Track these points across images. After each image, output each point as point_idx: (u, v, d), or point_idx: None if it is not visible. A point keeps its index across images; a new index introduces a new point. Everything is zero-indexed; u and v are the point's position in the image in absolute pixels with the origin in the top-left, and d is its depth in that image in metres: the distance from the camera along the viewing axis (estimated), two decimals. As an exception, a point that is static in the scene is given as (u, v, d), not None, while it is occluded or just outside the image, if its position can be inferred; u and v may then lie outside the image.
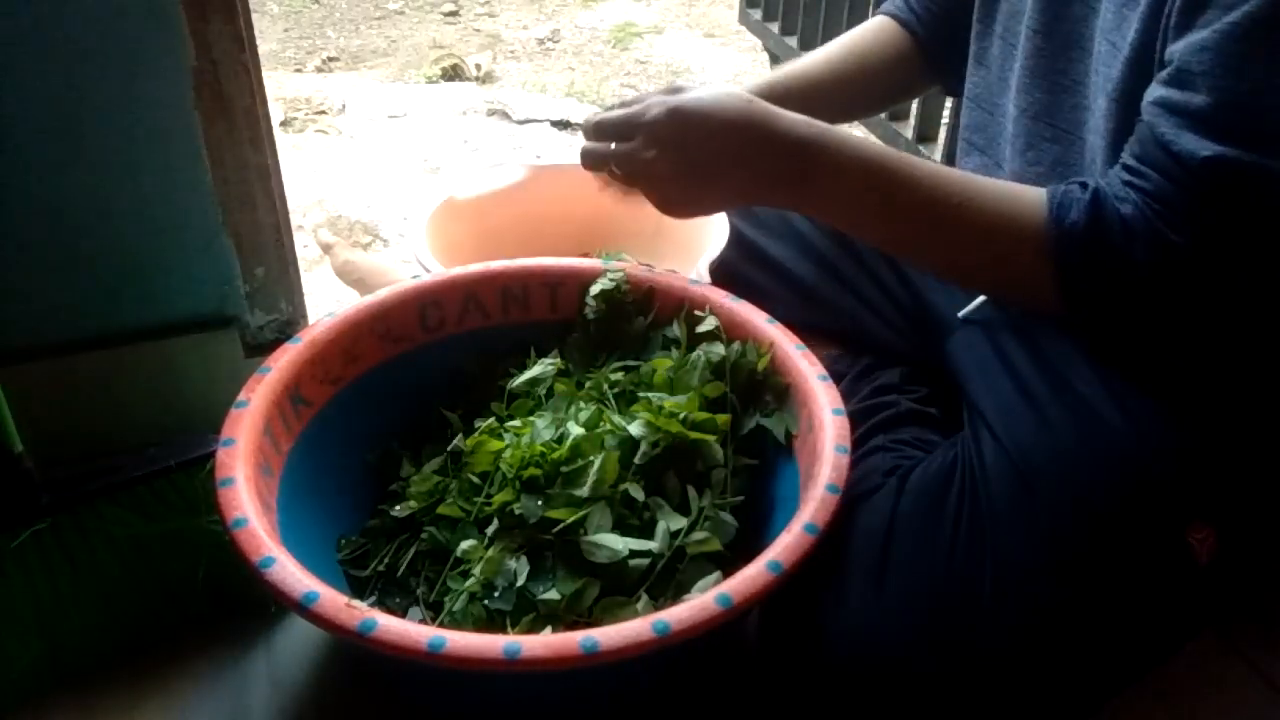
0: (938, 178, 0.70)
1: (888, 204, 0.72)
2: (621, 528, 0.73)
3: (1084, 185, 0.67)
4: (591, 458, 0.75)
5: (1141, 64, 0.68)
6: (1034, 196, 0.68)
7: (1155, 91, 0.65)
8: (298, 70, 2.81)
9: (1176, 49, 0.63)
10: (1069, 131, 0.77)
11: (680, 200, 0.80)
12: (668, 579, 0.72)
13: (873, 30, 1.01)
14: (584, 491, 0.73)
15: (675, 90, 0.77)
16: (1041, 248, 0.67)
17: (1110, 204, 0.65)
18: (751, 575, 0.64)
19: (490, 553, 0.73)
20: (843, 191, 0.73)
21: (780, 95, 0.97)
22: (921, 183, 0.70)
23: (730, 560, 0.72)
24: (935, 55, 0.99)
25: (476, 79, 2.74)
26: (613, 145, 0.80)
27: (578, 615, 0.71)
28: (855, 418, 0.82)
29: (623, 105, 0.82)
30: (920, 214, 0.71)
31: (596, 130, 0.82)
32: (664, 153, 0.75)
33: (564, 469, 0.75)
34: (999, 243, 0.69)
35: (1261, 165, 0.61)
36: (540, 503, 0.74)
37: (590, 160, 0.84)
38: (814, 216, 0.83)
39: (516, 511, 0.74)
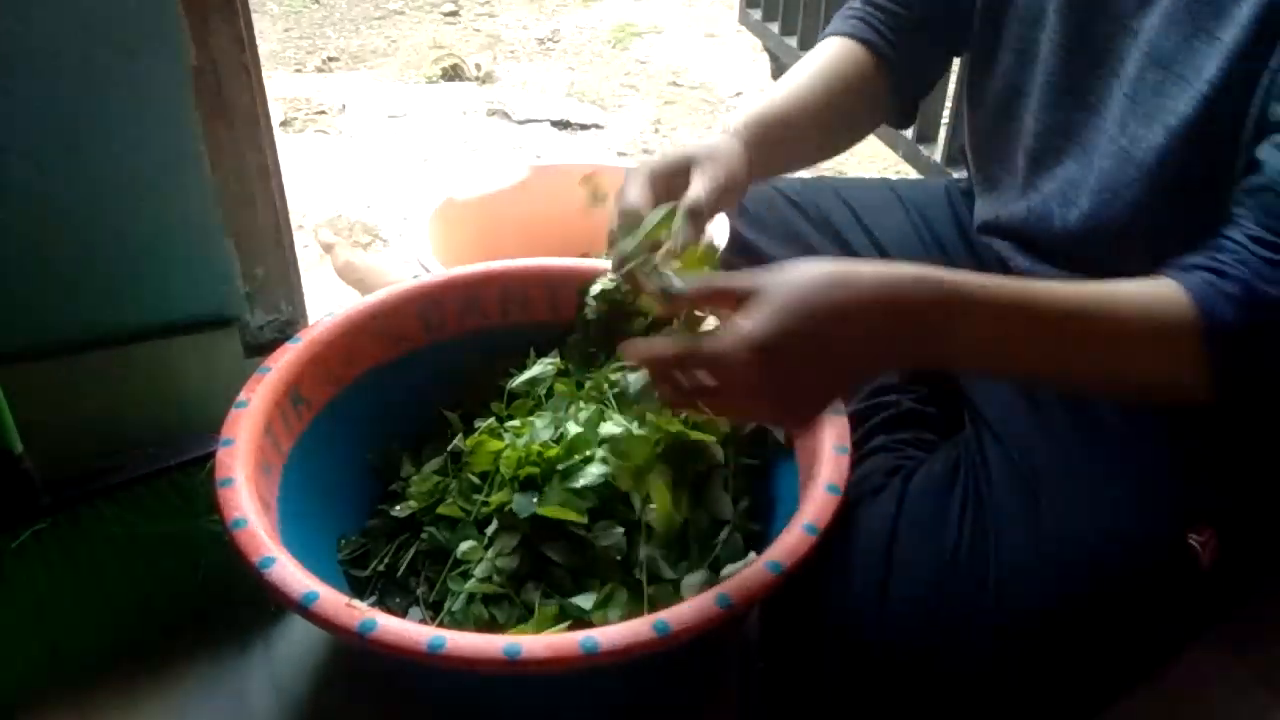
0: (1068, 298, 0.62)
1: (1026, 342, 0.63)
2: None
3: (1219, 273, 0.60)
4: (588, 452, 0.75)
5: (1224, 106, 0.63)
6: (1176, 297, 0.61)
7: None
8: (298, 70, 2.81)
9: None
10: (1085, 151, 0.75)
11: (798, 420, 0.70)
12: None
13: (839, 55, 0.91)
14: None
15: (773, 294, 0.59)
16: (1199, 352, 0.60)
17: (1263, 291, 0.59)
18: (751, 575, 0.64)
19: (495, 558, 0.73)
20: (977, 344, 0.62)
21: (777, 120, 0.87)
22: (1053, 308, 0.62)
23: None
24: (903, 82, 0.92)
25: (476, 79, 2.74)
26: (705, 379, 0.61)
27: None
28: (855, 418, 0.82)
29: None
30: (1071, 346, 0.63)
31: (681, 362, 0.62)
32: (770, 374, 0.59)
33: (560, 467, 0.75)
34: (1154, 356, 0.62)
35: None
36: (535, 500, 0.74)
37: (676, 401, 0.66)
38: (952, 367, 0.74)
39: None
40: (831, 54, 0.91)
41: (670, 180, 0.76)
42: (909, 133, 1.71)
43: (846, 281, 0.59)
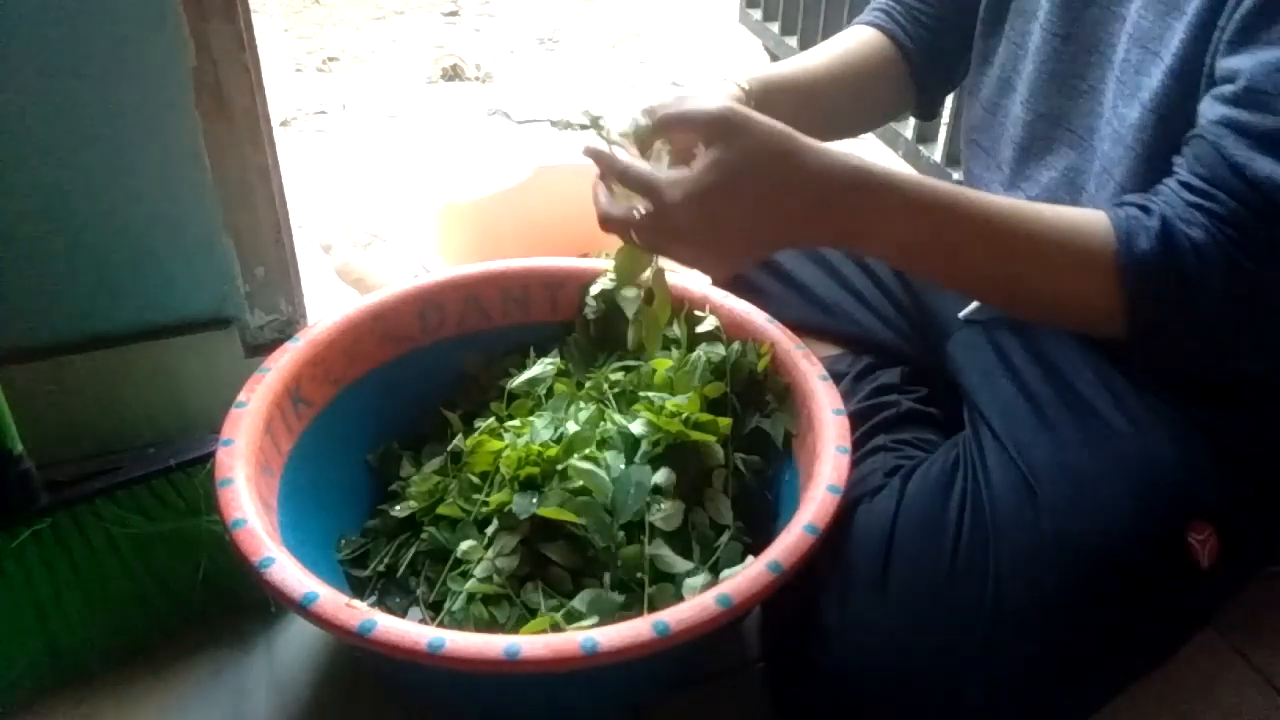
0: (992, 208, 0.66)
1: (942, 242, 0.67)
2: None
3: (1145, 209, 0.63)
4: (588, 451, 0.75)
5: (1187, 75, 0.65)
6: (1099, 224, 0.64)
7: (1218, 110, 0.61)
8: (298, 70, 2.81)
9: (1240, 66, 0.60)
10: (1083, 138, 0.75)
11: (714, 268, 0.76)
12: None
13: (861, 40, 0.94)
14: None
15: (720, 135, 0.65)
16: (1112, 278, 0.63)
17: (1180, 230, 0.61)
18: (751, 575, 0.64)
19: (492, 559, 0.73)
20: (893, 233, 0.67)
21: (786, 86, 0.89)
22: (976, 214, 0.66)
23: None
24: (921, 71, 0.94)
25: (476, 79, 2.74)
26: (637, 208, 0.69)
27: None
28: (855, 418, 0.82)
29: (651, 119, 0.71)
30: (979, 252, 0.66)
31: (619, 178, 0.71)
32: (697, 215, 0.66)
33: (560, 467, 0.75)
34: (1068, 275, 0.65)
35: None
36: (535, 500, 0.74)
37: (611, 225, 0.73)
38: (869, 253, 0.76)
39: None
40: (851, 38, 0.95)
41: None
42: (909, 133, 1.71)
43: (790, 158, 0.65)
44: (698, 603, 0.62)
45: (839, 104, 0.93)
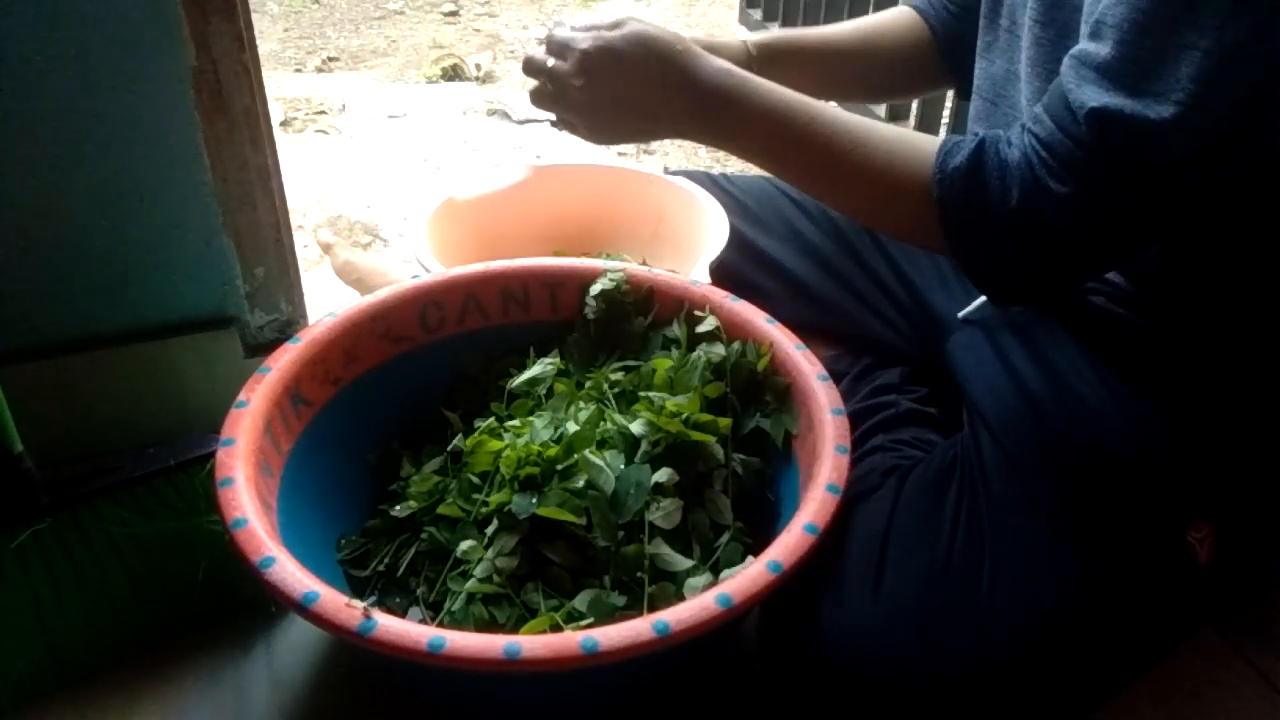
0: (837, 124, 0.74)
1: (790, 149, 0.76)
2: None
3: (975, 134, 0.69)
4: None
5: None
6: (928, 142, 0.71)
7: (1079, 45, 0.64)
8: (298, 70, 2.81)
9: (1099, 8, 0.62)
10: None
11: (592, 128, 0.84)
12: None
13: (894, 16, 1.03)
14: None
15: (618, 25, 0.80)
16: (927, 190, 0.68)
17: (995, 149, 0.66)
18: (751, 575, 0.64)
19: (491, 558, 0.73)
20: (749, 137, 0.77)
21: (792, 50, 0.99)
22: (820, 129, 0.74)
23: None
24: (949, 54, 0.99)
25: (476, 79, 2.74)
26: (550, 61, 0.84)
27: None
28: (855, 418, 0.82)
29: (583, 28, 0.84)
30: (817, 158, 0.75)
31: (546, 42, 0.85)
32: (587, 83, 0.80)
33: (559, 467, 0.75)
34: (888, 185, 0.71)
35: (1145, 118, 0.59)
36: (535, 500, 0.74)
37: (528, 68, 0.87)
38: (731, 154, 0.88)
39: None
40: (889, 14, 1.04)
41: None
42: (910, 125, 1.71)
43: (673, 59, 0.78)
44: (698, 603, 0.62)
45: (866, 71, 1.02)
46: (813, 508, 0.69)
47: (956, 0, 0.98)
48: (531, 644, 0.58)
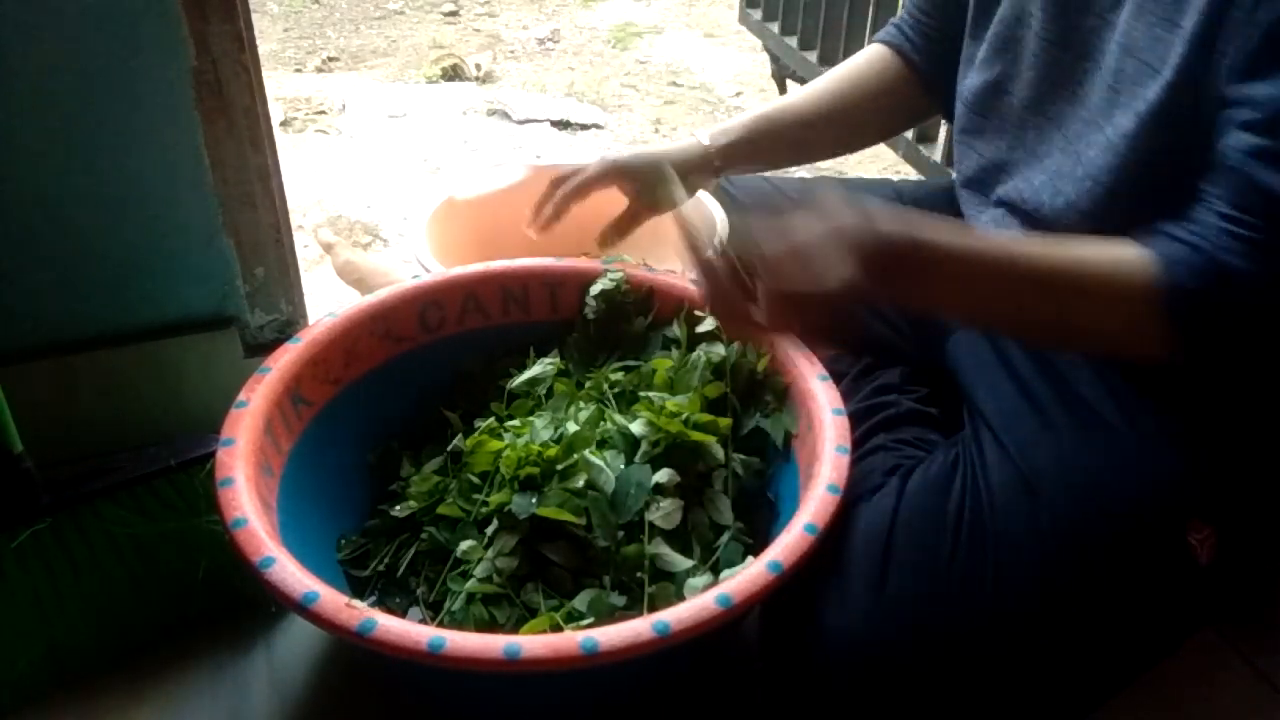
0: (1041, 259, 0.68)
1: (1000, 305, 0.70)
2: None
3: (1181, 240, 0.64)
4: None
5: (1187, 91, 0.66)
6: (1138, 259, 0.65)
7: (1243, 139, 0.62)
8: (298, 70, 2.81)
9: (1259, 94, 0.62)
10: (1072, 143, 0.76)
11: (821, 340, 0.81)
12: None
13: (867, 60, 1.00)
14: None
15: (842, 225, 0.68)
16: (1158, 312, 0.64)
17: (1222, 260, 0.63)
18: (751, 575, 0.64)
19: (493, 559, 0.73)
20: (956, 301, 0.70)
21: (757, 143, 0.97)
22: (1026, 269, 0.68)
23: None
24: (934, 83, 0.97)
25: (476, 79, 2.74)
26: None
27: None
28: (855, 418, 0.82)
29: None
30: (1031, 301, 0.68)
31: (726, 275, 0.74)
32: (791, 313, 0.71)
33: (559, 467, 0.75)
34: (1114, 313, 0.67)
35: None
36: (534, 500, 0.74)
37: (729, 322, 0.82)
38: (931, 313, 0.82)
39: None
40: (861, 59, 1.01)
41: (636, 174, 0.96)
42: (909, 133, 1.71)
43: (857, 244, 0.67)
44: (698, 603, 0.62)
45: (839, 133, 1.02)
46: (813, 508, 0.69)
47: (933, 26, 0.96)
48: (531, 644, 0.58)
